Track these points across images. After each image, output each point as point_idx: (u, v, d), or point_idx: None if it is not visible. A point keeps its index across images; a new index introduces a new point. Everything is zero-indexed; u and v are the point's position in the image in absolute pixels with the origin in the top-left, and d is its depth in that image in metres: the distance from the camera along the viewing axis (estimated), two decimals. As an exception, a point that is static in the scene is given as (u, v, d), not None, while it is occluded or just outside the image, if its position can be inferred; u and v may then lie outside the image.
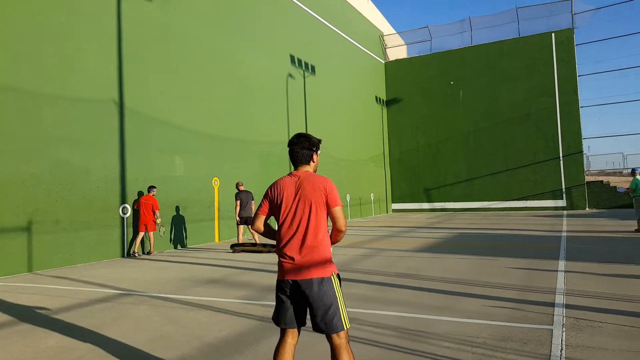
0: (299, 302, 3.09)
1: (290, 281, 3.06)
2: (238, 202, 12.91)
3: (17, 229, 9.63)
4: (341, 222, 3.14)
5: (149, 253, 12.39)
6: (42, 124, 10.30)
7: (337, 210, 3.12)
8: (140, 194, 12.47)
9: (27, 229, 9.81)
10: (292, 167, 3.36)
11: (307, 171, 3.28)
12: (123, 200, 12.02)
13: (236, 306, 6.20)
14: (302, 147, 3.31)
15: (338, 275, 3.13)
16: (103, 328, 5.35)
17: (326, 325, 2.98)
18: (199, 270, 9.52)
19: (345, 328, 3.00)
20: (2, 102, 9.58)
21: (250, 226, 12.33)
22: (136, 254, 11.91)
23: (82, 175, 11.06)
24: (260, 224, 3.30)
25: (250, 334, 4.96)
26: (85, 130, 11.20)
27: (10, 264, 9.52)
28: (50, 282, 8.52)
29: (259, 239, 12.77)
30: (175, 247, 13.63)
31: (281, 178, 3.28)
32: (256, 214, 3.31)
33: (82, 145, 11.11)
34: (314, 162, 3.36)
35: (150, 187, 12.28)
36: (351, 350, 3.04)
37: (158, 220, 12.17)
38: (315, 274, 3.01)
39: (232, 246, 12.17)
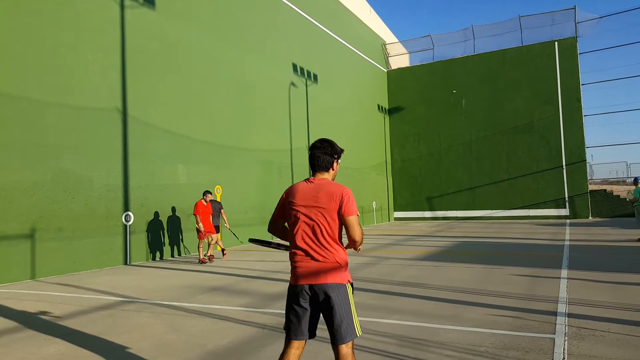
0: (311, 310, 3.03)
1: (305, 286, 2.99)
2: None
3: (20, 236, 9.67)
4: (355, 231, 2.95)
5: (205, 258, 12.05)
6: (46, 132, 10.36)
7: (351, 220, 2.96)
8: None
9: (31, 236, 9.85)
10: (310, 172, 3.29)
11: (324, 178, 3.17)
12: (126, 208, 12.05)
13: (238, 314, 6.21)
14: (323, 152, 3.18)
15: (352, 284, 3.08)
16: (105, 335, 5.35)
17: (337, 335, 2.93)
18: (202, 277, 9.53)
19: (358, 335, 2.97)
20: (7, 111, 9.65)
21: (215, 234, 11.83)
22: (212, 258, 12.07)
23: (85, 183, 11.11)
24: (274, 226, 3.27)
25: (252, 341, 4.96)
26: (88, 139, 11.26)
27: (14, 271, 9.54)
28: (53, 289, 8.53)
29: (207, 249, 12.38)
30: (178, 255, 13.64)
31: (297, 183, 3.21)
32: (272, 217, 3.27)
33: (85, 153, 11.17)
34: (333, 169, 3.23)
35: (205, 192, 12.13)
36: None
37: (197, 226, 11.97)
38: (329, 279, 2.96)
39: (251, 240, 11.97)
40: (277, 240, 4.27)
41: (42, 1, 10.51)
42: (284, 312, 3.19)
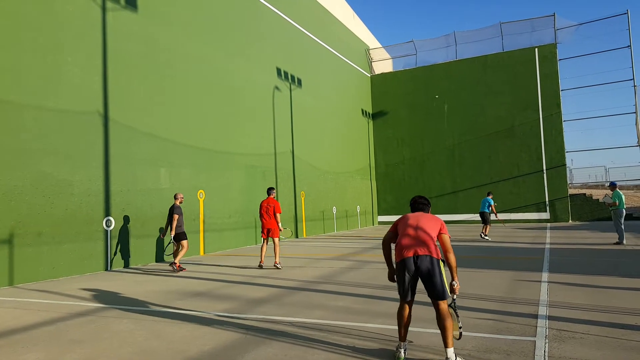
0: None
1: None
2: (176, 216, 11.24)
3: (-3, 242, 9.47)
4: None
5: (274, 265, 11.21)
6: (25, 136, 10.18)
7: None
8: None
9: (9, 241, 9.65)
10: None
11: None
12: (107, 213, 11.89)
13: (221, 319, 6.16)
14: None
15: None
16: (85, 343, 5.27)
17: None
18: (184, 283, 9.43)
19: None
20: (-15, 114, 9.46)
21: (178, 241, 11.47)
22: (261, 265, 11.26)
23: (65, 187, 10.94)
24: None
25: (235, 347, 4.93)
26: (69, 143, 11.10)
27: (-10, 278, 9.34)
28: (32, 296, 8.37)
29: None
30: (160, 260, 13.49)
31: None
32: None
33: (65, 158, 11.00)
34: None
35: (270, 189, 11.76)
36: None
37: (280, 225, 11.46)
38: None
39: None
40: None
41: (19, 2, 10.35)
42: (266, 317, 3.17)
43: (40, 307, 7.33)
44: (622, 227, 14.10)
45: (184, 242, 11.30)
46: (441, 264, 4.39)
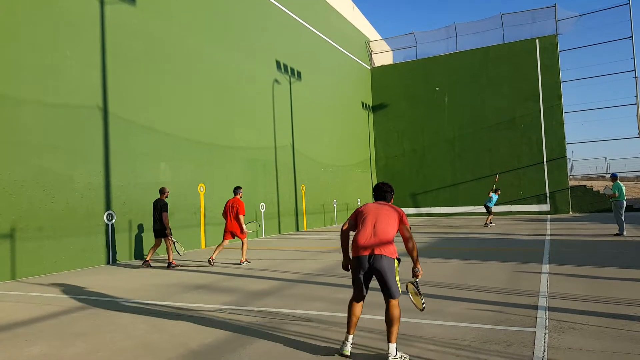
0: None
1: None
2: (166, 214, 11.11)
3: (-1, 237, 9.50)
4: None
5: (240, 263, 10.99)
6: (25, 131, 10.18)
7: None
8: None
9: (10, 236, 9.68)
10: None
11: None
12: (108, 207, 11.91)
13: (222, 312, 6.18)
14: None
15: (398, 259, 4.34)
16: (87, 336, 5.30)
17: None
18: (185, 276, 9.47)
19: None
20: (-16, 108, 9.46)
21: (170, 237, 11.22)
22: (210, 261, 10.86)
23: (66, 182, 10.95)
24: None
25: (236, 340, 4.95)
26: (68, 137, 11.10)
27: (-8, 272, 9.38)
28: (34, 290, 8.40)
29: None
30: (160, 254, 13.51)
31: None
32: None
33: (65, 152, 11.00)
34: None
35: (236, 189, 11.50)
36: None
37: (244, 227, 11.07)
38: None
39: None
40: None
41: (20, -3, 10.32)
42: (267, 309, 3.19)
43: (42, 301, 7.36)
44: (623, 218, 14.11)
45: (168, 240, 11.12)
46: (396, 263, 4.39)
